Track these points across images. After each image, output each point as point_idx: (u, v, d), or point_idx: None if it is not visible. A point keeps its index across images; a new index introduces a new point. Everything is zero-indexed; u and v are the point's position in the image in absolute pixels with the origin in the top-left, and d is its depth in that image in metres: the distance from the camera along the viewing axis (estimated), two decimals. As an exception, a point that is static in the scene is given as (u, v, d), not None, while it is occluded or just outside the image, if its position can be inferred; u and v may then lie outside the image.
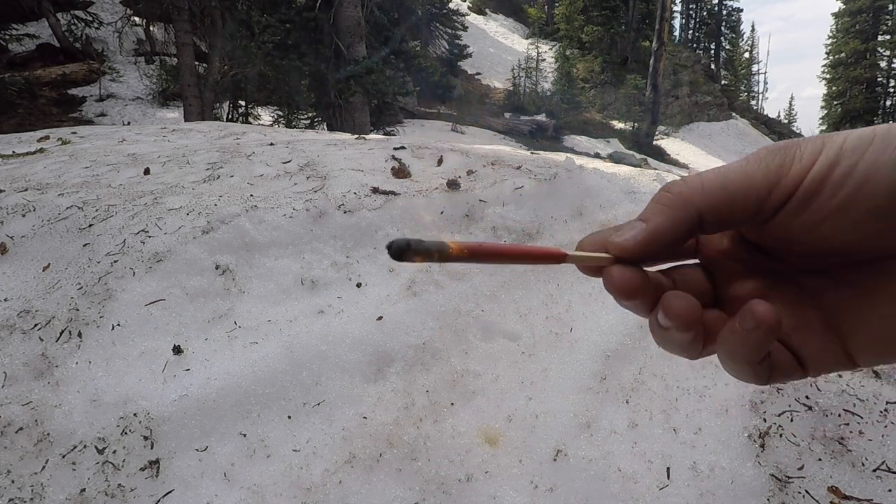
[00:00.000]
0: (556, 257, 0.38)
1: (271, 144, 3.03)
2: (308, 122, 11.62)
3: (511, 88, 23.17)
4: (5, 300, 1.64)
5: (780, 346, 0.39)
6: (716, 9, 39.39)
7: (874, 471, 0.88)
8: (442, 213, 1.97)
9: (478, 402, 1.36)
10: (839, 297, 0.38)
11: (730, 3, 39.56)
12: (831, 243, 0.36)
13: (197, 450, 1.22)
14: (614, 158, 14.18)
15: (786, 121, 41.40)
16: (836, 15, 35.95)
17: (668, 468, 1.06)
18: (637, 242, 0.38)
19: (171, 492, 1.14)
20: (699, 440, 1.07)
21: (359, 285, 1.71)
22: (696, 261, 0.43)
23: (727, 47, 40.18)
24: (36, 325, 1.52)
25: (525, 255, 0.37)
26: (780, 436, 0.99)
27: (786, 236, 0.37)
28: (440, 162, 2.47)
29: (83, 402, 1.30)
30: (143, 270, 1.65)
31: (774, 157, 0.36)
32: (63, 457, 1.19)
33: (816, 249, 0.37)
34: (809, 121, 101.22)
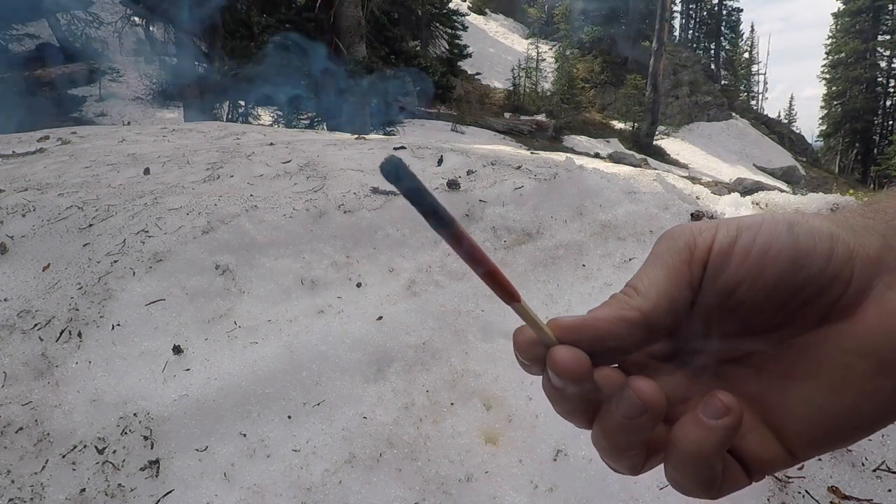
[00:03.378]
0: (511, 295, 0.37)
1: (271, 144, 3.03)
2: (308, 122, 11.62)
3: (511, 88, 23.17)
4: (5, 300, 1.64)
5: (726, 454, 0.37)
6: (716, 9, 39.39)
7: (874, 471, 0.88)
8: (442, 213, 1.97)
9: (478, 401, 1.36)
10: (762, 385, 0.39)
11: (730, 3, 39.57)
12: (748, 309, 0.38)
13: (197, 450, 1.22)
14: (614, 158, 14.17)
15: (786, 121, 41.39)
16: (836, 15, 35.94)
17: (668, 468, 1.06)
18: (575, 329, 0.38)
19: (171, 492, 1.14)
20: (699, 440, 1.07)
21: (359, 285, 1.71)
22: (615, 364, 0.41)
23: (727, 47, 40.18)
24: (36, 325, 1.52)
25: (492, 273, 0.36)
26: (780, 436, 0.99)
27: (707, 307, 0.38)
28: (440, 162, 2.47)
29: (83, 402, 1.30)
30: (143, 270, 1.65)
31: (679, 241, 0.39)
32: (63, 457, 1.19)
33: (735, 323, 0.39)
34: (809, 121, 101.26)
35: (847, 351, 0.36)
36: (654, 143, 21.99)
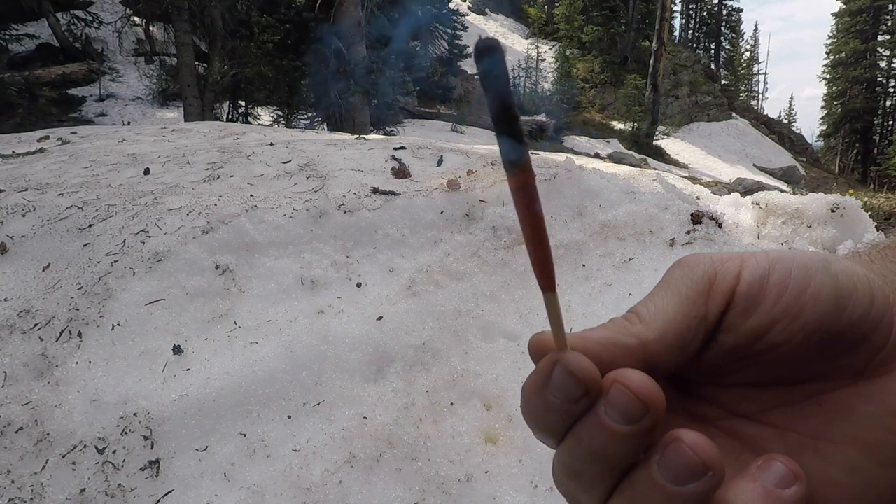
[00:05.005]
0: (550, 280, 0.31)
1: (271, 144, 3.03)
2: (308, 122, 11.62)
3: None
4: (5, 300, 1.64)
5: None
6: (716, 9, 39.39)
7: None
8: (442, 212, 1.97)
9: (478, 401, 1.36)
10: (791, 447, 0.32)
11: (730, 3, 39.58)
12: (781, 354, 0.32)
13: (197, 450, 1.22)
14: (614, 158, 14.17)
15: (786, 121, 41.41)
16: (836, 15, 35.95)
17: (667, 468, 1.06)
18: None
19: (171, 492, 1.14)
20: (699, 440, 1.07)
21: (359, 285, 1.71)
22: None
23: (727, 47, 40.19)
24: (36, 325, 1.52)
25: (544, 248, 0.30)
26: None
27: (731, 347, 0.33)
28: (440, 162, 2.47)
29: (83, 402, 1.30)
30: (143, 270, 1.65)
31: (696, 269, 0.34)
32: (63, 457, 1.19)
33: (759, 370, 0.33)
34: (809, 121, 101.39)
35: (893, 413, 0.31)
36: (654, 143, 21.99)
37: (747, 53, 42.65)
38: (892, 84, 35.68)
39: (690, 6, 39.33)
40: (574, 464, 0.30)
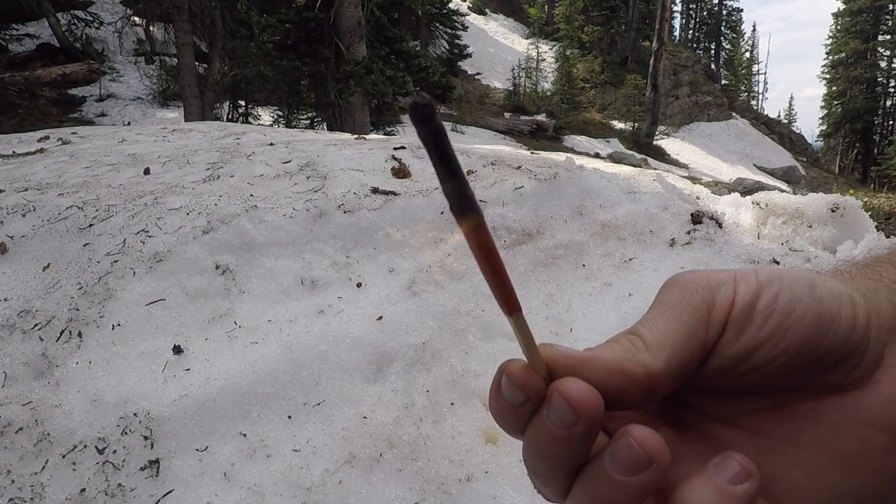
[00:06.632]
0: (512, 303, 0.32)
1: (271, 144, 3.03)
2: (308, 122, 11.62)
3: (511, 88, 23.16)
4: (5, 300, 1.64)
5: None
6: (716, 9, 39.39)
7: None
8: (442, 213, 1.97)
9: (478, 401, 1.36)
10: (760, 451, 0.35)
11: (730, 3, 39.59)
12: (761, 374, 0.34)
13: (197, 450, 1.22)
14: (614, 158, 14.17)
15: (786, 121, 41.40)
16: (836, 15, 35.95)
17: (668, 468, 1.06)
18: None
19: (171, 492, 1.14)
20: (699, 440, 1.07)
21: (359, 285, 1.71)
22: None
23: (727, 47, 40.19)
24: (36, 325, 1.52)
25: (500, 277, 0.32)
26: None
27: (716, 368, 0.35)
28: (440, 162, 2.47)
29: (83, 402, 1.30)
30: (144, 270, 1.65)
31: (695, 295, 0.35)
32: (63, 457, 1.19)
33: (743, 383, 0.35)
34: (809, 121, 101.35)
35: (862, 423, 0.33)
36: (654, 143, 21.99)
37: (747, 53, 42.65)
38: (893, 84, 35.69)
39: (690, 6, 39.34)
40: (529, 461, 0.33)
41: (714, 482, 0.30)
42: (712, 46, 39.88)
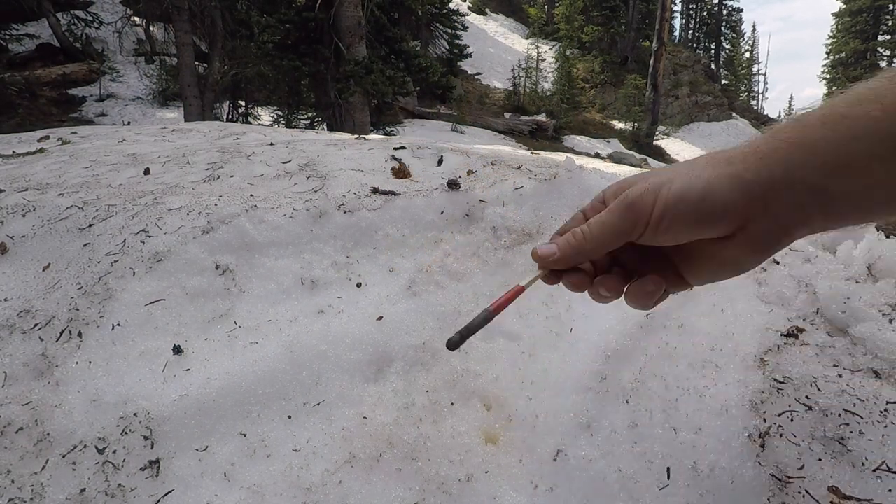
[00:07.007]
0: (519, 292, 0.73)
1: (271, 144, 3.03)
2: (308, 122, 11.62)
3: (511, 88, 23.15)
4: (5, 300, 1.64)
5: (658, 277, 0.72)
6: (716, 9, 39.38)
7: (874, 471, 0.88)
8: (442, 213, 1.97)
9: (478, 401, 1.36)
10: (679, 258, 0.73)
11: (730, 3, 39.59)
12: (673, 235, 0.65)
13: (197, 450, 1.22)
14: (614, 158, 14.17)
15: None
16: (836, 15, 35.95)
17: (668, 468, 1.06)
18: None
19: (171, 492, 1.14)
20: (699, 440, 1.07)
21: (359, 285, 1.71)
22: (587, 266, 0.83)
23: (727, 47, 40.18)
24: (36, 325, 1.52)
25: (514, 297, 0.75)
26: (780, 436, 0.98)
27: (655, 234, 0.66)
28: (440, 162, 2.47)
29: (83, 402, 1.30)
30: (143, 270, 1.65)
31: (635, 210, 0.67)
32: (63, 457, 1.19)
33: (667, 239, 0.66)
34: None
35: (729, 257, 0.66)
36: (654, 143, 21.98)
37: (747, 53, 42.62)
38: (892, 84, 35.64)
39: (690, 6, 39.33)
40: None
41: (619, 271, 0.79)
42: (712, 46, 39.87)
